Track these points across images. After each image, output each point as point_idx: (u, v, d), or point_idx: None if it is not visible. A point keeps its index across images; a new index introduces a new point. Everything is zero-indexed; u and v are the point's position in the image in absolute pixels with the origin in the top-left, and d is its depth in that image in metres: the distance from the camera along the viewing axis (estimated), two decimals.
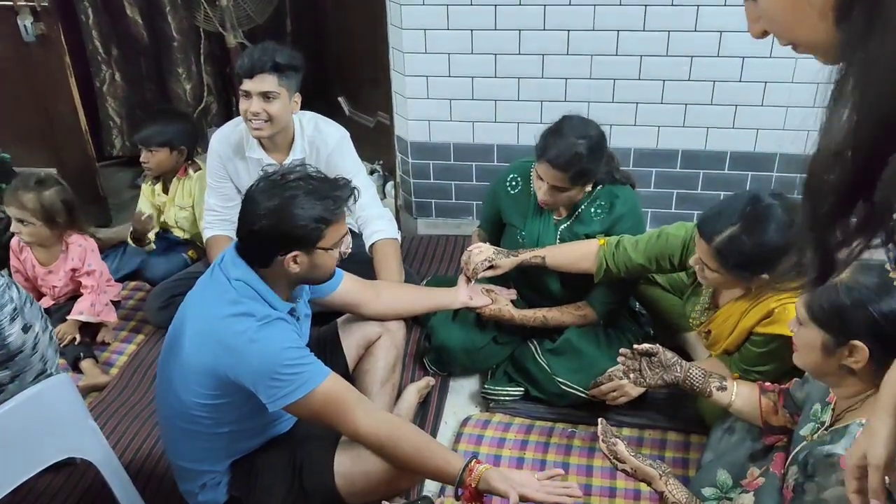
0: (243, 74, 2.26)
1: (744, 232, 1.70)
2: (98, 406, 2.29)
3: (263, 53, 2.25)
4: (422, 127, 3.09)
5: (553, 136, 2.07)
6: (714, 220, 1.75)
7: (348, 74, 3.83)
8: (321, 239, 1.62)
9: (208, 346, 1.58)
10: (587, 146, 2.05)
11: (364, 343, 2.08)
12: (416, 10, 2.84)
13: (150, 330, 2.68)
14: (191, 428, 1.69)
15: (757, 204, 1.72)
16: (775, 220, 1.69)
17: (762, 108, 2.82)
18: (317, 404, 1.59)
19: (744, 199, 1.75)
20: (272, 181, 1.62)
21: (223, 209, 2.56)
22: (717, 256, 1.75)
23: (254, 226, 1.59)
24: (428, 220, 3.32)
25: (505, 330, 2.36)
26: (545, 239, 2.24)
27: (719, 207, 1.78)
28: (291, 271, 1.63)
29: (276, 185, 1.61)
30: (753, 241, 1.70)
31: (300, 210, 1.57)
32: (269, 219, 1.57)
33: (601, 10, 2.73)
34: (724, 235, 1.72)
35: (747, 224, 1.70)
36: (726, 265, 1.76)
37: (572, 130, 2.06)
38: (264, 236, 1.59)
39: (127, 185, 3.84)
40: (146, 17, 3.73)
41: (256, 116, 2.29)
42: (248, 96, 2.27)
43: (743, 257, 1.72)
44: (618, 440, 1.67)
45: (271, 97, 2.27)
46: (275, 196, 1.59)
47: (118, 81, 3.82)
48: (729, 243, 1.72)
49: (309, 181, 1.62)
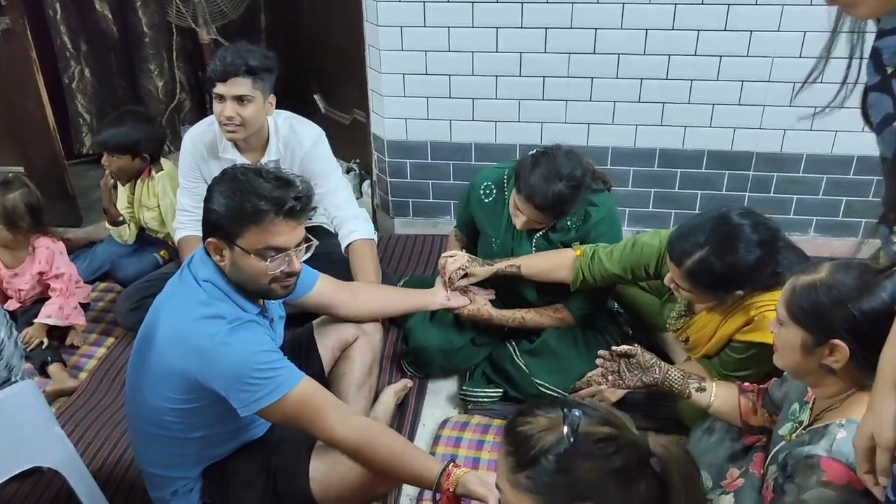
0: (216, 78, 2.21)
1: (713, 254, 1.69)
2: (66, 412, 2.23)
3: (237, 56, 2.19)
4: (398, 125, 3.06)
5: (535, 174, 1.98)
6: (683, 242, 1.74)
7: (324, 71, 3.79)
8: (238, 236, 1.53)
9: (178, 349, 1.54)
10: (570, 187, 1.98)
11: (340, 345, 2.05)
12: (393, 6, 2.81)
13: (120, 332, 2.62)
14: (161, 433, 1.64)
15: (725, 224, 1.71)
16: (744, 240, 1.68)
17: (739, 108, 2.82)
18: (290, 409, 1.55)
19: (712, 219, 1.73)
20: (224, 171, 1.60)
21: (195, 210, 2.50)
22: (689, 278, 1.75)
23: (205, 213, 1.57)
24: (405, 220, 3.29)
25: (483, 331, 2.34)
26: (520, 249, 2.22)
27: (688, 228, 1.76)
28: (220, 264, 1.58)
29: (226, 174, 1.58)
30: (723, 262, 1.69)
31: (221, 197, 1.53)
32: (211, 201, 1.55)
33: (579, 8, 2.72)
34: (693, 259, 1.71)
35: (716, 246, 1.69)
36: (698, 286, 1.76)
37: (556, 169, 1.97)
38: (203, 218, 1.56)
39: (96, 183, 3.74)
40: (116, 11, 3.66)
41: (230, 120, 2.25)
42: (222, 100, 2.23)
43: (714, 278, 1.72)
44: None
45: (245, 101, 2.23)
46: (218, 181, 1.57)
47: (87, 78, 3.74)
48: (699, 266, 1.71)
49: (260, 175, 1.55)
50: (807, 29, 2.64)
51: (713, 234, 1.70)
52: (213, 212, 1.54)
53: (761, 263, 1.69)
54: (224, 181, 1.56)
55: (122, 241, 2.90)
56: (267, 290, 1.60)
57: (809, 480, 1.31)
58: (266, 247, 1.53)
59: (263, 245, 1.53)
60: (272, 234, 1.53)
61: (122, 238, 2.89)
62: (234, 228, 1.53)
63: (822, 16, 2.77)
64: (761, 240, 1.69)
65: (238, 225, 1.52)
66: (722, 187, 3.00)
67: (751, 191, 2.98)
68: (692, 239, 1.72)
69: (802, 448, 1.36)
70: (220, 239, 1.55)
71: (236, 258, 1.55)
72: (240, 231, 1.52)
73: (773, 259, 1.71)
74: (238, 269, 1.56)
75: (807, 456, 1.33)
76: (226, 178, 1.57)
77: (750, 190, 2.98)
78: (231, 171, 1.58)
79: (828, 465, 1.28)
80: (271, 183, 1.53)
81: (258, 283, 1.58)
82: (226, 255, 1.56)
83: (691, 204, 3.04)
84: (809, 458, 1.33)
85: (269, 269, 1.55)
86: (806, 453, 1.34)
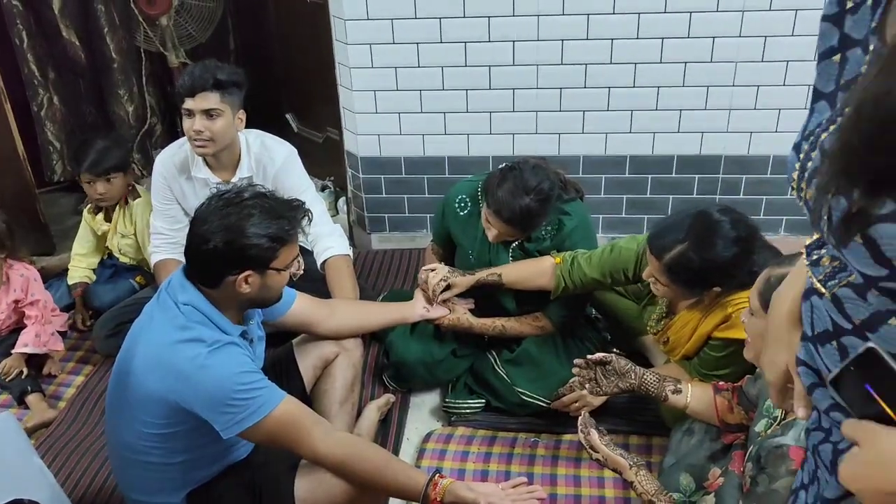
0: (184, 93, 2.22)
1: (692, 249, 1.72)
2: (45, 442, 2.20)
3: (204, 71, 2.21)
4: (371, 141, 3.07)
5: (503, 188, 2.00)
6: (663, 236, 1.77)
7: (295, 91, 3.80)
8: (275, 259, 1.59)
9: (157, 373, 1.53)
10: (538, 200, 2.00)
11: (321, 363, 2.05)
12: (361, 24, 2.83)
13: (98, 359, 2.60)
14: (143, 459, 1.63)
15: (705, 220, 1.74)
16: (723, 236, 1.72)
17: (706, 112, 2.88)
18: (273, 429, 1.55)
19: (692, 214, 1.76)
20: (226, 199, 1.59)
21: (170, 231, 2.51)
22: (668, 272, 1.77)
23: (205, 245, 1.55)
24: (382, 235, 3.30)
25: (463, 342, 2.35)
26: (497, 260, 2.23)
27: (668, 223, 1.79)
28: (242, 292, 1.59)
29: (230, 204, 1.57)
30: (702, 257, 1.72)
31: (255, 228, 1.54)
32: (222, 237, 1.54)
33: (545, 21, 2.76)
34: (673, 253, 1.74)
35: (695, 241, 1.72)
36: (677, 281, 1.78)
37: (523, 183, 1.99)
38: (216, 256, 1.55)
39: (70, 210, 3.73)
40: (83, 38, 3.65)
41: (199, 135, 2.24)
42: (191, 115, 2.23)
43: (692, 273, 1.75)
44: (591, 430, 1.69)
45: (214, 115, 2.24)
46: (229, 214, 1.55)
47: (56, 105, 3.72)
48: (678, 260, 1.74)
49: (264, 200, 1.60)
50: (767, 34, 2.70)
51: (693, 230, 1.73)
52: (238, 248, 1.54)
53: (738, 260, 1.72)
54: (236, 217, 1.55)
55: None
56: (280, 296, 1.72)
57: (779, 470, 1.34)
58: (293, 259, 1.66)
59: (292, 258, 1.65)
60: (295, 246, 1.66)
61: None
62: (269, 255, 1.58)
63: (782, 20, 2.85)
64: (739, 237, 1.71)
65: (274, 249, 1.59)
66: (693, 191, 3.04)
67: (721, 193, 3.03)
68: (672, 234, 1.75)
69: (773, 439, 1.38)
70: (253, 270, 1.58)
71: (267, 280, 1.62)
72: (275, 254, 1.59)
73: (750, 257, 1.74)
74: (268, 289, 1.64)
75: (776, 446, 1.36)
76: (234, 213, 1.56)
77: (720, 192, 3.03)
78: (235, 203, 1.58)
79: (796, 453, 1.31)
80: (277, 203, 1.62)
81: (279, 293, 1.70)
82: (253, 281, 1.59)
83: (663, 208, 3.08)
84: (778, 448, 1.35)
85: (294, 276, 1.70)
86: (776, 444, 1.36)
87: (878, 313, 0.78)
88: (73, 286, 2.82)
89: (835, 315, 0.84)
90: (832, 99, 0.84)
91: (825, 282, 0.86)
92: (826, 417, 0.93)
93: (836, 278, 0.84)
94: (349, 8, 2.81)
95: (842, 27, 0.82)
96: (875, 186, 0.71)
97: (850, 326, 0.82)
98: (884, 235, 0.71)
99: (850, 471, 0.78)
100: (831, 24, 0.83)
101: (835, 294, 0.84)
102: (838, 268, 0.85)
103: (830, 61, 0.84)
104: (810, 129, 0.86)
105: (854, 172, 0.72)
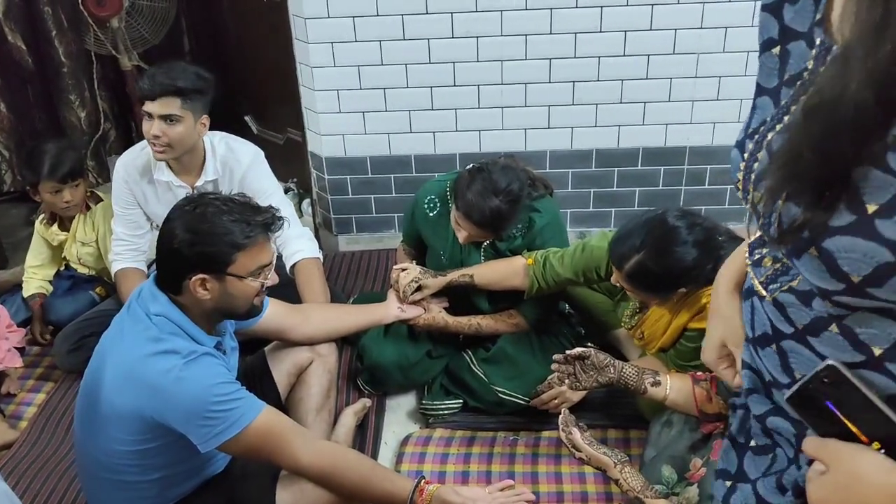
0: (144, 95, 2.15)
1: (649, 258, 1.72)
2: (8, 464, 2.11)
3: (166, 76, 2.13)
4: (336, 141, 3.03)
5: (472, 190, 1.98)
6: (621, 246, 1.77)
7: (254, 92, 3.72)
8: (230, 263, 1.53)
9: (131, 388, 1.48)
10: (507, 202, 1.98)
11: (295, 370, 2.01)
12: (322, 23, 2.78)
13: (59, 376, 2.50)
14: (116, 478, 1.57)
15: (661, 227, 1.74)
16: (680, 242, 1.72)
17: (669, 104, 2.90)
18: (252, 440, 1.50)
19: (648, 221, 1.76)
20: (195, 200, 1.55)
21: (131, 238, 2.44)
22: (629, 281, 1.78)
23: (169, 244, 1.52)
24: (349, 236, 3.25)
25: (438, 343, 2.32)
26: (469, 260, 2.22)
27: (625, 231, 1.79)
28: (202, 298, 1.53)
29: (197, 205, 1.53)
30: (659, 265, 1.72)
31: (212, 229, 1.50)
32: (182, 236, 1.50)
33: (508, 16, 2.75)
34: (631, 263, 1.74)
35: (652, 250, 1.72)
36: (639, 287, 1.79)
37: (492, 185, 1.97)
38: (176, 256, 1.51)
39: (21, 222, 3.60)
40: (30, 42, 3.52)
41: (157, 139, 2.17)
42: (151, 118, 2.16)
43: (652, 280, 1.75)
44: (574, 429, 1.68)
45: (174, 120, 2.16)
46: (193, 213, 1.52)
47: (4, 112, 3.58)
48: (637, 269, 1.74)
49: (227, 202, 1.55)
50: (728, 25, 2.73)
51: (649, 238, 1.73)
52: (195, 249, 1.50)
53: (699, 263, 1.72)
54: (196, 217, 1.52)
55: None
56: (251, 307, 1.63)
57: None
58: (258, 266, 1.58)
59: (257, 266, 1.57)
60: (263, 253, 1.58)
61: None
62: (225, 259, 1.52)
63: (742, 11, 2.88)
64: (696, 240, 1.72)
65: (229, 254, 1.52)
66: (658, 183, 3.07)
67: (686, 184, 3.06)
68: (629, 242, 1.75)
69: None
70: (208, 273, 1.51)
71: (228, 286, 1.55)
72: (230, 258, 1.52)
73: (712, 256, 1.74)
74: (230, 296, 1.56)
75: None
76: (196, 213, 1.52)
77: (685, 184, 3.06)
78: (200, 203, 1.54)
79: None
80: (242, 206, 1.55)
81: (248, 303, 1.61)
82: (212, 287, 1.53)
83: (630, 201, 3.10)
84: None
85: (263, 286, 1.61)
86: None
87: (819, 318, 0.76)
88: (31, 297, 2.71)
89: (776, 319, 0.81)
90: (776, 95, 0.81)
91: (766, 285, 0.83)
92: (756, 423, 0.92)
93: (779, 282, 0.81)
94: (309, 6, 2.76)
95: (781, 18, 0.78)
96: (827, 195, 0.67)
97: (792, 331, 0.79)
98: (840, 249, 0.67)
99: (820, 495, 0.75)
100: (769, 15, 0.80)
101: (776, 299, 0.81)
102: (780, 270, 0.81)
103: (770, 54, 0.80)
104: (754, 127, 0.82)
105: (804, 180, 0.68)
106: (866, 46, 0.61)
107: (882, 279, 0.65)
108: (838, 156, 0.65)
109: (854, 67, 0.62)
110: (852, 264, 0.66)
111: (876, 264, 0.65)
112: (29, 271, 2.76)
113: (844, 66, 0.63)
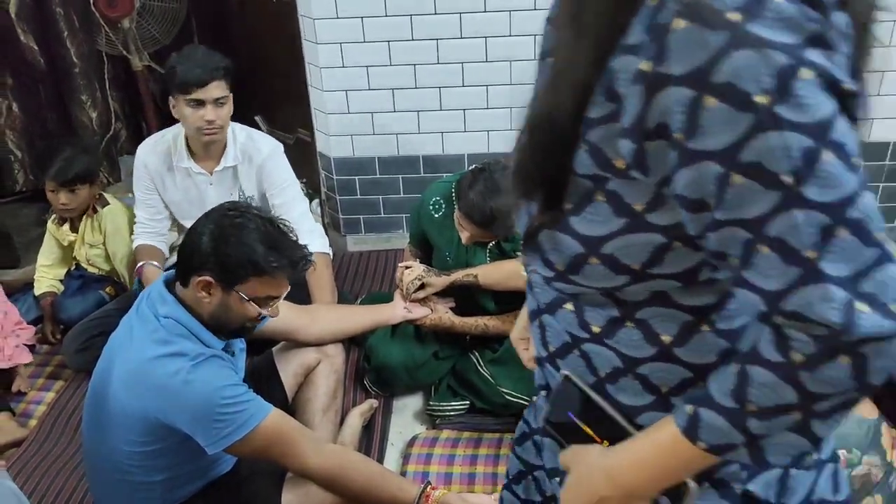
0: (195, 84, 2.17)
1: None
2: (17, 463, 2.12)
3: (209, 60, 2.20)
4: (344, 142, 3.03)
5: (473, 191, 1.98)
6: None
7: (263, 93, 3.72)
8: (241, 283, 1.51)
9: (138, 389, 1.48)
10: None
11: (302, 371, 2.01)
12: (331, 24, 2.78)
13: (69, 375, 2.51)
14: (123, 478, 1.58)
15: None
16: None
17: None
18: (260, 443, 1.51)
19: None
20: (239, 207, 1.56)
21: (151, 222, 2.52)
22: None
23: (197, 236, 1.51)
24: (357, 237, 3.25)
25: (445, 344, 2.32)
26: (474, 261, 2.21)
27: None
28: (201, 298, 1.52)
29: (239, 211, 1.54)
30: None
31: (238, 240, 1.49)
32: (210, 235, 1.50)
33: (517, 16, 2.74)
34: None
35: None
36: None
37: (493, 184, 1.97)
38: (197, 250, 1.50)
39: (33, 221, 3.61)
40: (42, 43, 3.53)
41: (212, 124, 2.23)
42: (201, 105, 2.21)
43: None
44: None
45: (223, 101, 2.24)
46: (230, 219, 1.52)
47: (16, 112, 3.60)
48: None
49: (268, 224, 1.54)
50: None
51: None
52: (216, 252, 1.49)
53: None
54: (232, 224, 1.51)
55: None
56: (241, 329, 1.59)
57: None
58: (267, 296, 1.56)
59: (265, 294, 1.55)
60: (277, 287, 1.57)
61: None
62: (238, 275, 1.50)
63: None
64: None
65: (244, 273, 1.50)
66: None
67: None
68: None
69: None
70: (217, 280, 1.51)
71: (230, 300, 1.53)
72: (245, 279, 1.51)
73: None
74: (227, 309, 1.54)
75: None
76: (234, 220, 1.52)
77: None
78: (237, 214, 1.54)
79: None
80: (280, 234, 1.54)
81: (240, 324, 1.57)
82: (215, 293, 1.52)
83: None
84: None
85: (260, 315, 1.57)
86: None
87: (558, 298, 0.83)
88: (42, 296, 2.73)
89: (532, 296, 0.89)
90: None
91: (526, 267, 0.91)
92: None
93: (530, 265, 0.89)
94: (318, 7, 2.76)
95: None
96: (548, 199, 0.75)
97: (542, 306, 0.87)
98: (545, 241, 0.77)
99: (567, 497, 0.82)
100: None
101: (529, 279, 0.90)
102: None
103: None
104: None
105: (531, 187, 0.77)
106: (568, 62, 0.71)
107: (577, 268, 0.75)
108: (555, 165, 0.73)
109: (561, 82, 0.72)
110: (554, 255, 0.76)
111: (572, 255, 0.75)
112: (40, 270, 2.78)
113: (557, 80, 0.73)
